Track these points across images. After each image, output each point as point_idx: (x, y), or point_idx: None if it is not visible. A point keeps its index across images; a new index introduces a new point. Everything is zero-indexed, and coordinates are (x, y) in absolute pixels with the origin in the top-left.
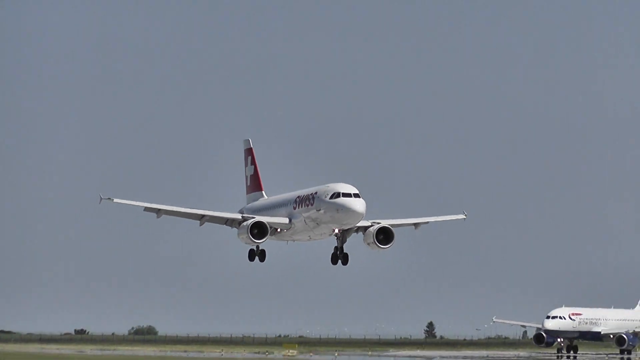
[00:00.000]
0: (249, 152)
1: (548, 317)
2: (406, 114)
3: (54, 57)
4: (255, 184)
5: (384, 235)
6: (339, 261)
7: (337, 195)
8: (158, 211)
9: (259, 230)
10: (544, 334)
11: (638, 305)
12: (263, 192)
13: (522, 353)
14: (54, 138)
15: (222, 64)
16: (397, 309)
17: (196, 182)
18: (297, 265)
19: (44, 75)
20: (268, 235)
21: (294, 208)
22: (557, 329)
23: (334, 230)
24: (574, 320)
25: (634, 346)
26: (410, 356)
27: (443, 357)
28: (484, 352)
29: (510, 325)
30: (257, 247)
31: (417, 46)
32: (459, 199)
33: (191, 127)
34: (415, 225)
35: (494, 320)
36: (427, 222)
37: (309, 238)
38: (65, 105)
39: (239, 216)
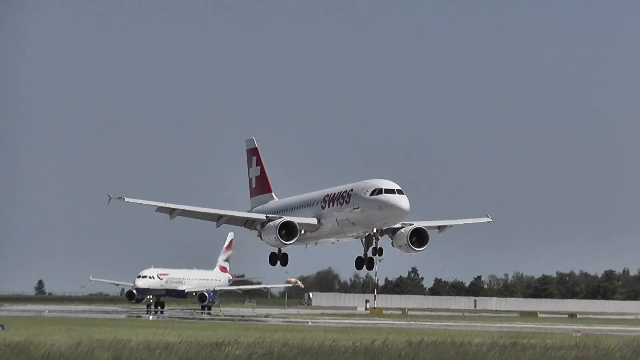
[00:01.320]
0: (254, 152)
1: (139, 277)
2: (417, 114)
3: (59, 57)
4: (262, 186)
5: (417, 237)
6: (364, 266)
7: (379, 191)
8: (172, 211)
9: (287, 231)
10: (135, 292)
11: (217, 266)
12: (272, 193)
13: (119, 308)
14: (49, 137)
15: (225, 62)
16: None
17: (195, 185)
18: None
19: (45, 75)
20: (298, 236)
21: (323, 208)
22: (147, 287)
23: (372, 230)
24: (161, 279)
25: (214, 302)
26: (22, 310)
27: (51, 310)
28: (87, 307)
29: (110, 284)
30: (279, 250)
31: (431, 44)
32: (481, 202)
33: (190, 129)
34: (440, 228)
35: (91, 279)
36: (452, 225)
37: (336, 240)
38: (63, 105)
39: (263, 216)
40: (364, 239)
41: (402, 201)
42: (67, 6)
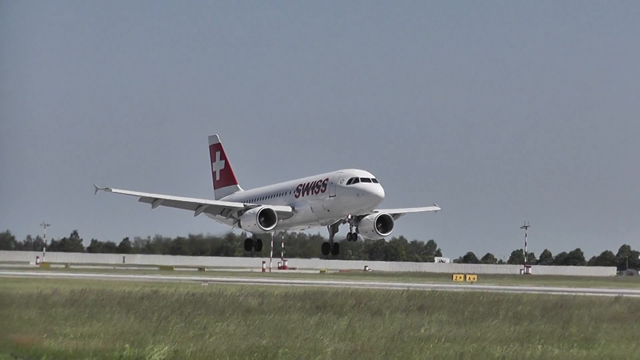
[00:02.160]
0: (217, 147)
1: None
2: (375, 107)
3: (37, 52)
4: (227, 178)
5: (382, 223)
6: (330, 251)
7: (355, 180)
8: (154, 201)
9: (265, 218)
10: None
11: None
12: (238, 185)
13: None
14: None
15: (193, 60)
16: None
17: (161, 178)
18: None
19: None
20: (276, 223)
21: (296, 196)
22: None
23: (347, 217)
24: None
25: None
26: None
27: None
28: None
29: None
30: (254, 236)
31: (390, 38)
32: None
33: (157, 127)
34: (394, 215)
35: None
36: (403, 214)
37: (307, 227)
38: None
39: (241, 205)
40: (330, 227)
41: (378, 189)
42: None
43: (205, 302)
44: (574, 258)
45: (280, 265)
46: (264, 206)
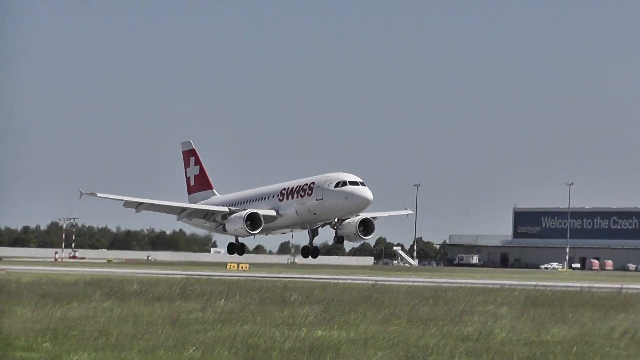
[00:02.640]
0: (191, 153)
1: None
2: (347, 110)
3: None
4: (202, 183)
5: (364, 227)
6: (310, 255)
7: (343, 183)
8: (138, 205)
9: (251, 221)
10: None
11: None
12: (214, 190)
13: None
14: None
15: (162, 65)
16: None
17: (136, 183)
18: None
19: None
20: (262, 226)
21: (280, 200)
22: None
23: (334, 220)
24: None
25: None
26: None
27: None
28: None
29: None
30: (237, 240)
31: (356, 35)
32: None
33: (128, 128)
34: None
35: None
36: (377, 218)
37: (290, 231)
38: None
39: (225, 209)
40: (310, 231)
41: (367, 192)
42: None
43: (2, 288)
44: (336, 249)
45: (71, 255)
46: (250, 210)
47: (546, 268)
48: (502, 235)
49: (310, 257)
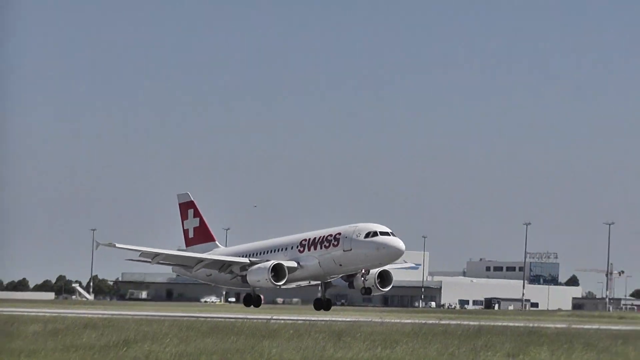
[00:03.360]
0: (189, 205)
1: None
2: (344, 160)
3: None
4: (203, 235)
5: (381, 279)
6: (322, 308)
7: (374, 234)
8: (155, 256)
9: (275, 272)
10: None
11: None
12: (217, 242)
13: None
14: None
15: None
16: None
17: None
18: None
19: None
20: (287, 277)
21: (300, 251)
22: None
23: (361, 271)
24: None
25: None
26: None
27: None
28: None
29: None
30: (254, 292)
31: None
32: None
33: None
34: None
35: None
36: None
37: (308, 283)
38: None
39: (246, 260)
40: (323, 283)
41: (399, 243)
42: None
43: None
44: (21, 285)
45: None
46: (274, 261)
47: (205, 301)
48: (168, 273)
49: (322, 309)
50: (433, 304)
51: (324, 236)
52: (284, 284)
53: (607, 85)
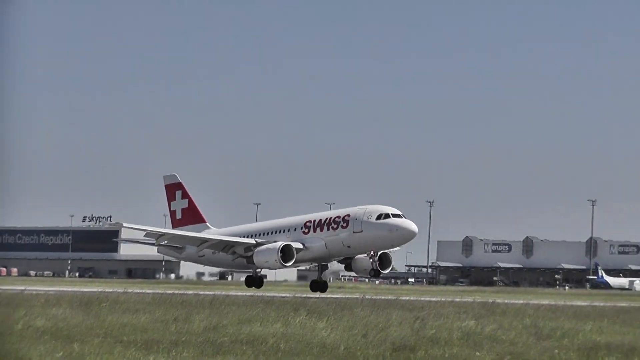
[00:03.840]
0: (177, 186)
1: None
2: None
3: None
4: (192, 216)
5: (380, 261)
6: (319, 289)
7: (386, 216)
8: (160, 236)
9: (283, 254)
10: None
11: None
12: (207, 223)
13: None
14: None
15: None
16: None
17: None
18: None
19: None
20: (295, 259)
21: (305, 233)
22: None
23: (370, 252)
24: None
25: None
26: None
27: None
28: None
29: None
30: (256, 273)
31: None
32: None
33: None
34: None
35: None
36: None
37: (310, 264)
38: None
39: (252, 241)
40: (319, 265)
41: (412, 225)
42: None
43: None
44: None
45: None
46: (282, 242)
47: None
48: None
49: (319, 291)
50: (172, 275)
51: (330, 218)
52: (293, 265)
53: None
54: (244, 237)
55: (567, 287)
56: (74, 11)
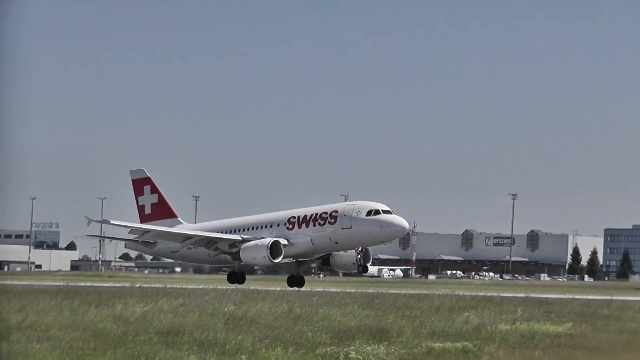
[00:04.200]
0: (145, 181)
1: None
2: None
3: None
4: (162, 212)
5: (363, 257)
6: (296, 284)
7: (376, 212)
8: (144, 233)
9: (271, 250)
10: None
11: None
12: (179, 218)
13: None
14: None
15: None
16: None
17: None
18: None
19: None
20: (282, 255)
21: (289, 229)
22: None
23: (358, 249)
24: None
25: None
26: None
27: None
28: None
29: None
30: (239, 269)
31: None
32: None
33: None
34: None
35: None
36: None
37: (292, 260)
38: None
39: (238, 237)
40: (297, 261)
41: (403, 221)
42: None
43: None
44: None
45: None
46: (270, 238)
47: None
48: None
49: (296, 286)
50: None
51: (316, 214)
52: (280, 261)
53: None
54: (223, 232)
55: (321, 275)
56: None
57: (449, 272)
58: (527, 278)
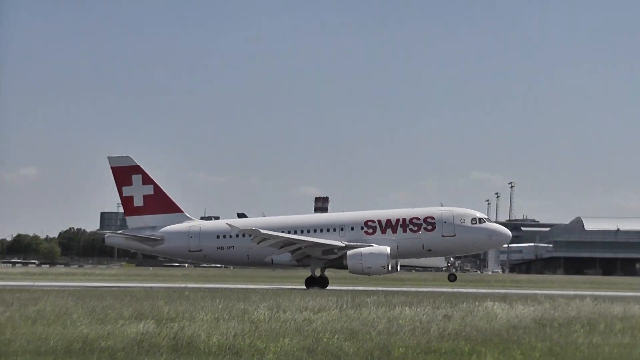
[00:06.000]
0: (132, 170)
1: None
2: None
3: None
4: (161, 205)
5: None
6: (317, 285)
7: (480, 220)
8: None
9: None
10: None
11: None
12: (185, 213)
13: None
14: None
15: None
16: None
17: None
18: None
19: None
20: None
21: (368, 233)
22: None
23: (451, 258)
24: None
25: None
26: None
27: None
28: None
29: None
30: (318, 273)
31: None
32: None
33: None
34: None
35: None
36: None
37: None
38: None
39: (340, 243)
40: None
41: (507, 230)
42: None
43: None
44: None
45: None
46: (386, 246)
47: None
48: None
49: (317, 287)
50: None
51: (404, 218)
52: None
53: None
54: (281, 232)
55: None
56: None
57: None
58: None
